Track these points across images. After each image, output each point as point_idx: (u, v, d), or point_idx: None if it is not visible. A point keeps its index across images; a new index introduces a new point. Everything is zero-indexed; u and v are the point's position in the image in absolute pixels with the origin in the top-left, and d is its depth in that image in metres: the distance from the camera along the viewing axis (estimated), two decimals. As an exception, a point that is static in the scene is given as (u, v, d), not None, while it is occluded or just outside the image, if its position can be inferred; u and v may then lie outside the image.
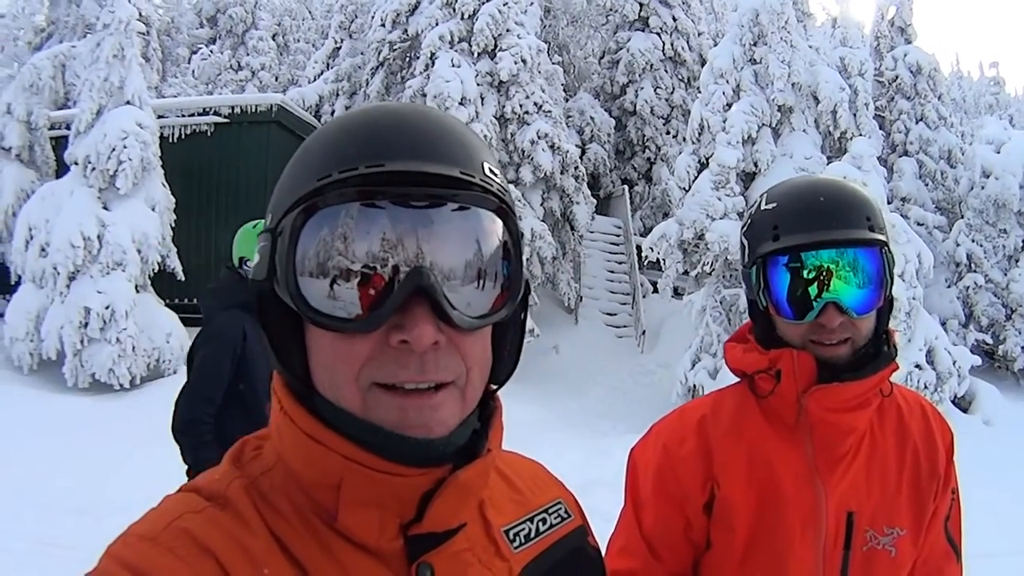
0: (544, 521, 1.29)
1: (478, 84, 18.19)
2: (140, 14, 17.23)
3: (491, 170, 1.05)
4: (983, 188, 18.60)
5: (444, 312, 0.97)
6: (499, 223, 1.04)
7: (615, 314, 21.68)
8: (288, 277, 0.98)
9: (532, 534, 1.25)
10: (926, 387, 13.41)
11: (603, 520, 2.18)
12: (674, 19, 25.38)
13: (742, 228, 2.14)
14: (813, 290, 1.90)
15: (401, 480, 1.00)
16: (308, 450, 1.02)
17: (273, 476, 1.06)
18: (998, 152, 18.80)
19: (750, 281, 2.05)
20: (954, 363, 14.03)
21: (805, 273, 1.91)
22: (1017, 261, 18.74)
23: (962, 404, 14.82)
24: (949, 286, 18.76)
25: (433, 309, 0.97)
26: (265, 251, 1.04)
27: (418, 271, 0.96)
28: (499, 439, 1.15)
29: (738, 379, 2.20)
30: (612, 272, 22.96)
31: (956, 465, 2.16)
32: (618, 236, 24.02)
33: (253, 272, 1.07)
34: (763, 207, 2.04)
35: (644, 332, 20.20)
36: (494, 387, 1.17)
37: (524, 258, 1.09)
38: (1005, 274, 18.70)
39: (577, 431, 13.90)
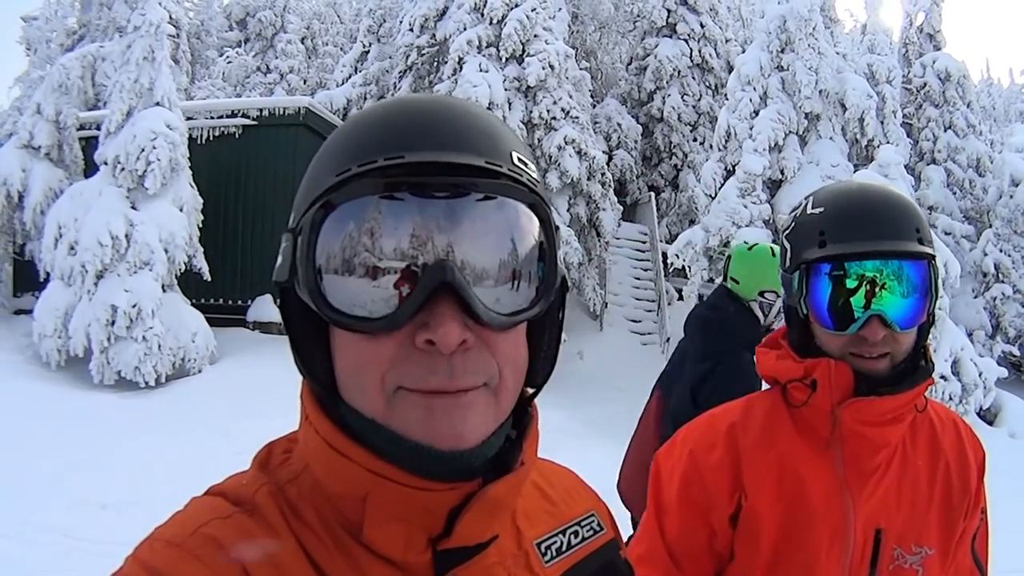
0: (576, 534, 1.25)
1: (505, 89, 18.23)
2: (170, 17, 17.38)
3: (520, 159, 1.00)
4: (1012, 197, 18.47)
5: (472, 309, 0.92)
6: (530, 215, 0.99)
7: (640, 321, 21.62)
8: (307, 276, 0.94)
9: (564, 547, 1.22)
10: (951, 398, 13.32)
11: (624, 527, 2.19)
12: (702, 25, 25.32)
13: (784, 231, 2.06)
14: (857, 301, 1.84)
15: (428, 495, 0.96)
16: (332, 462, 0.98)
17: (300, 484, 1.03)
18: (1028, 160, 18.70)
19: (790, 287, 1.98)
20: (980, 374, 13.92)
21: (850, 283, 1.84)
22: (1047, 272, 18.60)
23: (987, 416, 14.70)
24: (976, 296, 18.62)
25: (460, 306, 0.92)
26: (287, 251, 1.00)
27: (441, 265, 0.90)
28: (534, 450, 1.10)
29: (768, 386, 2.14)
30: (638, 279, 22.89)
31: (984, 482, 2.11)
32: (644, 243, 23.96)
33: (276, 273, 1.02)
34: (809, 211, 1.97)
35: (669, 339, 20.11)
36: (531, 391, 1.12)
37: (560, 251, 1.04)
38: (1034, 284, 18.57)
39: (600, 437, 13.85)
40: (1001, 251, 18.54)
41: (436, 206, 0.92)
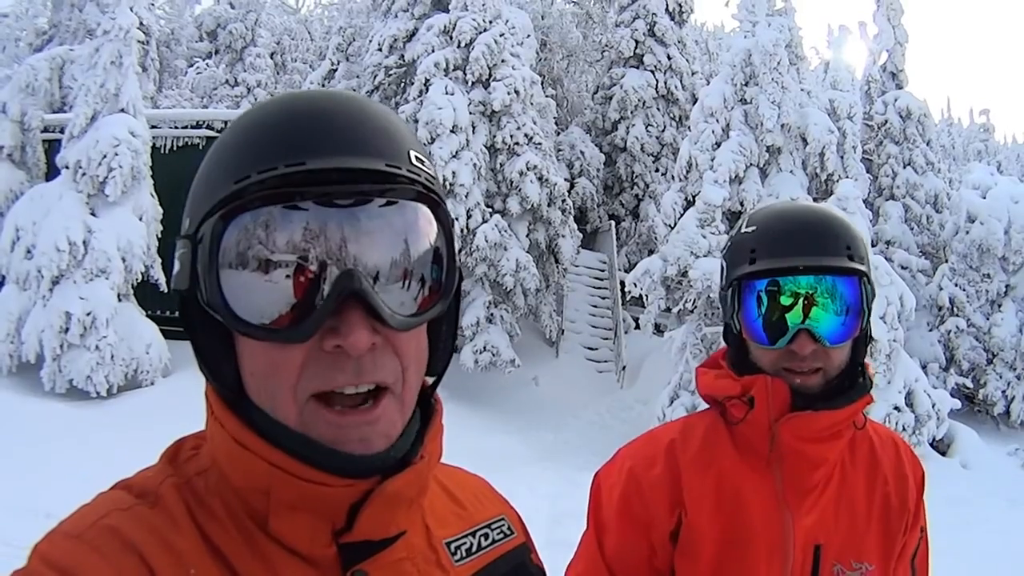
0: (487, 536, 1.26)
1: (470, 113, 18.21)
2: (141, 23, 17.24)
3: (418, 158, 1.01)
4: (968, 233, 18.72)
5: (378, 314, 0.94)
6: (429, 216, 1.01)
7: (596, 348, 21.59)
8: (211, 287, 0.95)
9: (474, 548, 1.23)
10: (904, 429, 13.44)
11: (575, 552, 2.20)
12: (669, 57, 25.46)
13: (722, 250, 2.10)
14: (788, 316, 1.87)
15: (325, 490, 0.98)
16: (235, 455, 1.00)
17: (208, 478, 1.03)
18: (984, 197, 18.97)
19: (725, 303, 2.02)
20: (933, 406, 14.06)
21: (780, 298, 1.88)
22: (999, 306, 18.82)
23: (940, 447, 14.86)
24: (931, 329, 18.84)
25: (366, 311, 0.94)
26: (185, 258, 1.00)
27: (349, 274, 0.93)
28: (438, 444, 1.13)
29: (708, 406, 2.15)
30: (595, 307, 22.90)
31: (928, 505, 2.13)
32: (603, 271, 24.02)
33: (175, 281, 1.03)
34: (743, 230, 2.01)
35: (624, 367, 20.12)
36: (431, 381, 1.15)
37: (456, 247, 1.06)
38: (987, 318, 18.79)
39: (553, 463, 13.86)
40: (956, 285, 18.79)
41: (339, 214, 0.94)
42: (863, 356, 1.99)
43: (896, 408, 13.61)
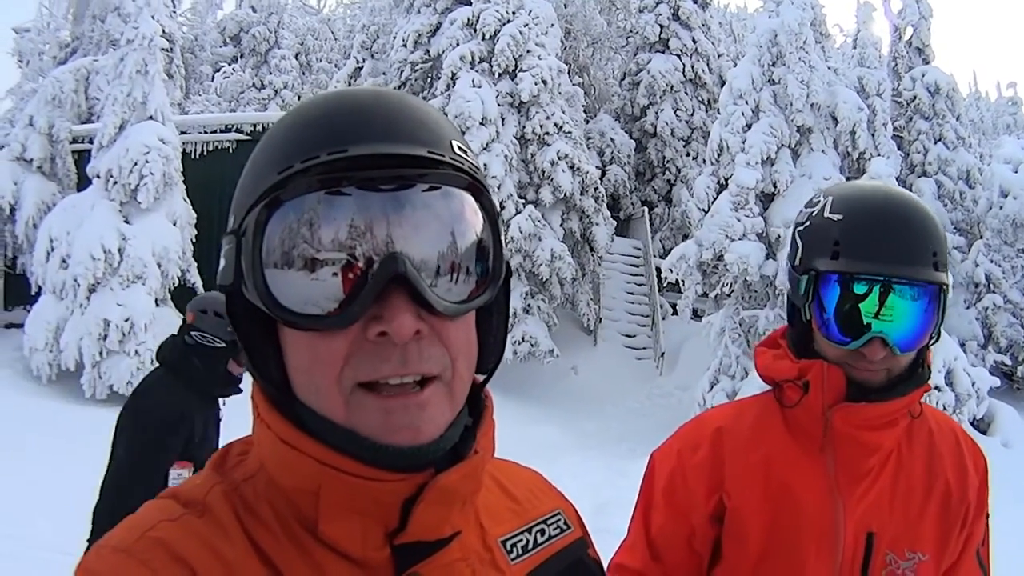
0: (543, 532, 1.24)
1: (499, 104, 18.25)
2: (164, 31, 17.32)
3: (460, 148, 1.00)
4: (1001, 208, 18.50)
5: (424, 299, 0.93)
6: (474, 202, 0.99)
7: (634, 336, 21.60)
8: (255, 277, 0.94)
9: (530, 545, 1.21)
10: (945, 408, 13.29)
11: (619, 540, 2.20)
12: (694, 41, 25.37)
13: (797, 226, 2.01)
14: (863, 307, 1.81)
15: (379, 485, 0.96)
16: (284, 456, 0.99)
17: (256, 483, 1.03)
18: (1016, 172, 18.73)
19: (797, 287, 1.94)
20: (973, 384, 13.92)
21: (858, 288, 1.81)
22: (1035, 281, 18.64)
23: (981, 426, 14.69)
24: (968, 307, 18.61)
25: (412, 297, 0.92)
26: (230, 254, 1.00)
27: (392, 257, 0.91)
28: (490, 439, 1.10)
29: (768, 387, 2.10)
30: (631, 294, 22.90)
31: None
32: (637, 258, 23.99)
33: (220, 277, 1.02)
34: (827, 214, 1.90)
35: (663, 354, 20.11)
36: (481, 378, 1.12)
37: (503, 237, 1.04)
38: (1023, 294, 18.60)
39: (594, 452, 13.86)
40: (992, 262, 18.57)
41: (383, 199, 0.93)
42: (926, 353, 1.94)
43: (936, 388, 13.47)
